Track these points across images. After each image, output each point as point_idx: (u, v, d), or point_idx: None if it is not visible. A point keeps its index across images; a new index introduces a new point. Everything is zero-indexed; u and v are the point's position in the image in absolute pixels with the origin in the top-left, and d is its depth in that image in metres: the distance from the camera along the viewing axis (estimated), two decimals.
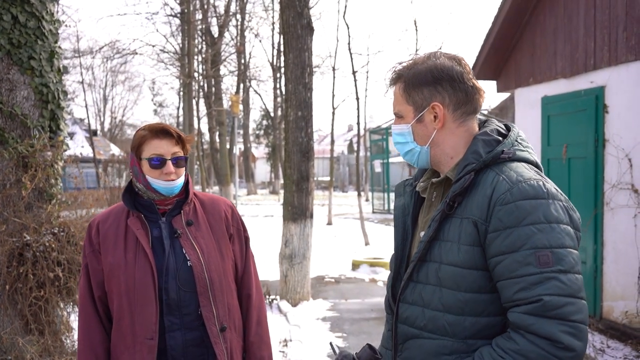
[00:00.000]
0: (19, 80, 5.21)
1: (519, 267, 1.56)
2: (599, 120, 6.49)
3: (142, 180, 2.35)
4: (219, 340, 2.33)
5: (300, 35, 7.84)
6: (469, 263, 1.65)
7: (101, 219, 2.43)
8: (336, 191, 41.55)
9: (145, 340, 2.26)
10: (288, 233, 8.02)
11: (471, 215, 1.66)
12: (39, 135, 5.24)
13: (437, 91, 1.77)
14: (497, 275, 1.61)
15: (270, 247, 11.51)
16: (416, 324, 1.76)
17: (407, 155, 1.88)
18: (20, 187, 5.01)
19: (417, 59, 1.84)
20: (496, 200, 1.62)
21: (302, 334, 6.57)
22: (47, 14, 5.45)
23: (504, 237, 1.59)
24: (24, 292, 4.81)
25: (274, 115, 37.05)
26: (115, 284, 2.31)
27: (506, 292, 1.59)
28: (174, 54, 27.92)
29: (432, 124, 1.79)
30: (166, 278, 2.29)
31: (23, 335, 4.77)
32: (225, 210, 2.54)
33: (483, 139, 1.76)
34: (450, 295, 1.68)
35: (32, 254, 4.83)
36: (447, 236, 1.70)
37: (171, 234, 2.37)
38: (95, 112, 46.40)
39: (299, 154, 7.90)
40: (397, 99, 1.86)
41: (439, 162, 1.83)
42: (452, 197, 1.69)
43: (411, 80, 1.80)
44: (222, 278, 2.39)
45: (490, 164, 1.71)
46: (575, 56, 6.92)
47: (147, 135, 2.34)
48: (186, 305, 2.31)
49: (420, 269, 1.76)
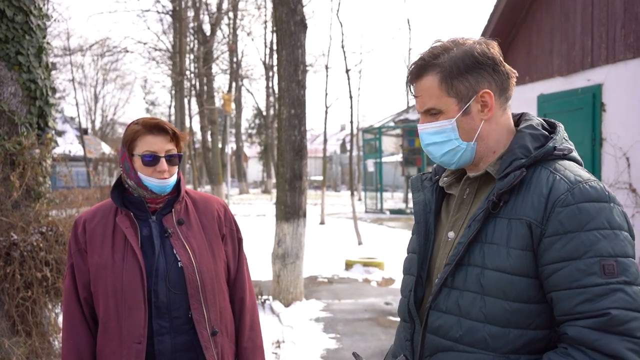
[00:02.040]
0: (6, 76, 5.10)
1: (582, 276, 1.41)
2: (596, 118, 6.44)
3: (133, 177, 2.25)
4: (209, 345, 2.23)
5: (294, 31, 7.75)
6: (519, 269, 1.48)
7: (88, 217, 2.33)
8: (329, 190, 41.52)
9: (133, 344, 2.16)
10: (281, 232, 7.93)
11: (524, 216, 1.49)
12: (27, 133, 5.13)
13: (483, 77, 1.60)
14: (552, 284, 1.46)
15: (263, 247, 11.42)
16: (450, 335, 1.57)
17: (446, 155, 1.66)
18: (8, 185, 4.90)
19: (445, 45, 1.65)
20: (555, 201, 1.47)
21: (295, 334, 6.48)
22: (35, 9, 5.34)
23: (565, 243, 1.44)
24: (11, 293, 4.70)
25: (266, 114, 36.97)
26: (101, 286, 2.21)
27: (565, 303, 1.43)
28: (165, 51, 27.82)
29: (480, 115, 1.61)
30: (156, 280, 2.20)
31: (10, 336, 4.66)
32: (218, 210, 2.44)
33: (530, 132, 1.61)
34: (495, 305, 1.50)
35: (19, 253, 4.72)
36: (491, 238, 1.53)
37: (161, 233, 2.27)
38: (86, 111, 46.19)
39: (292, 152, 7.81)
40: (430, 94, 1.63)
41: (480, 158, 1.65)
42: (498, 194, 1.53)
43: (452, 68, 1.60)
44: (214, 280, 2.29)
45: (539, 161, 1.56)
46: (572, 54, 6.86)
47: (140, 131, 2.23)
48: (176, 308, 2.21)
49: (456, 273, 1.57)
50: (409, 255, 1.81)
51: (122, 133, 27.31)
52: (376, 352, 5.92)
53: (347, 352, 5.95)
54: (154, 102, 48.09)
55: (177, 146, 2.30)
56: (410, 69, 1.69)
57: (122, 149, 2.29)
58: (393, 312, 7.55)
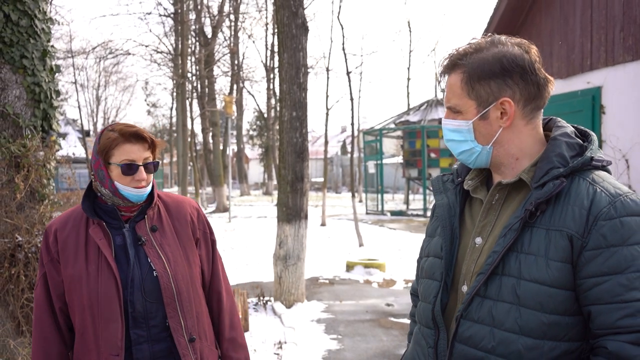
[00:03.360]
0: (11, 79, 5.15)
1: (624, 291, 1.40)
2: (595, 120, 6.48)
3: (109, 186, 2.18)
4: (187, 352, 2.21)
5: (295, 34, 7.80)
6: (558, 281, 1.46)
7: (59, 226, 2.25)
8: (330, 192, 41.55)
9: (111, 356, 2.12)
10: (282, 234, 7.97)
11: (564, 227, 1.47)
12: (32, 135, 5.18)
13: (507, 85, 1.56)
14: (592, 297, 1.45)
15: (264, 248, 11.47)
16: (481, 346, 1.53)
17: (462, 154, 1.66)
18: (13, 187, 4.95)
19: (479, 44, 1.62)
20: (598, 214, 1.45)
21: (297, 335, 6.52)
22: (40, 13, 5.39)
23: (607, 257, 1.43)
24: (15, 294, 4.74)
25: (267, 116, 37.01)
26: (77, 298, 2.16)
27: (605, 317, 1.42)
28: (167, 54, 27.86)
29: (498, 122, 1.59)
30: (131, 290, 2.15)
31: (14, 337, 4.70)
32: (191, 213, 2.39)
33: (567, 141, 1.58)
34: (532, 316, 1.47)
35: (24, 255, 4.77)
36: (528, 248, 1.49)
37: (135, 241, 2.22)
38: (88, 113, 46.23)
39: (294, 154, 7.85)
40: (454, 91, 1.62)
41: (500, 163, 1.63)
42: (536, 204, 1.49)
43: (476, 71, 1.57)
44: (189, 287, 2.26)
45: (577, 171, 1.54)
46: (572, 57, 6.90)
47: (118, 139, 2.16)
48: (153, 317, 2.18)
49: (490, 283, 1.54)
50: (430, 258, 1.76)
51: None
52: (377, 353, 5.96)
53: (349, 353, 6.00)
54: (155, 104, 48.14)
55: (153, 154, 2.25)
56: (442, 62, 1.67)
57: (95, 157, 2.22)
58: (394, 313, 7.59)
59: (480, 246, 1.62)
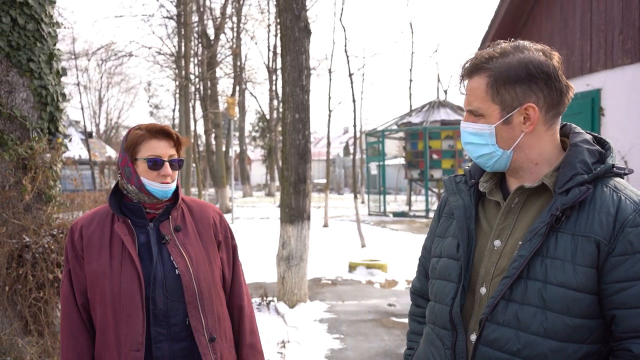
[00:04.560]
0: (18, 82, 5.23)
1: None
2: (595, 123, 6.54)
3: (135, 182, 2.23)
4: (208, 351, 2.23)
5: (298, 37, 7.87)
6: (584, 286, 1.49)
7: (84, 223, 2.30)
8: (332, 193, 41.59)
9: (131, 352, 2.14)
10: (285, 235, 8.04)
11: (591, 233, 1.50)
12: (38, 138, 5.25)
13: (532, 90, 1.57)
14: (618, 302, 1.48)
15: (267, 249, 11.52)
16: (507, 349, 1.55)
17: (481, 158, 1.66)
18: (20, 189, 5.03)
19: (504, 48, 1.62)
20: (624, 221, 1.48)
21: (300, 335, 6.59)
22: (46, 17, 5.47)
23: (633, 263, 1.47)
24: (23, 294, 4.82)
25: (269, 117, 37.08)
26: (99, 293, 2.20)
27: (630, 321, 1.47)
28: (170, 56, 27.94)
29: (521, 127, 1.60)
30: (153, 287, 2.19)
31: (22, 336, 4.78)
32: (214, 217, 2.45)
33: (588, 148, 1.60)
34: (557, 320, 1.50)
35: (31, 255, 4.84)
36: (554, 253, 1.52)
37: (159, 240, 2.26)
38: (90, 114, 46.33)
39: (297, 156, 7.92)
40: (477, 95, 1.63)
41: (519, 167, 1.65)
42: (562, 209, 1.51)
43: (502, 75, 1.58)
44: (211, 287, 2.30)
45: (599, 178, 1.56)
46: (572, 59, 6.97)
47: (144, 135, 2.24)
48: (173, 315, 2.21)
49: (515, 286, 1.55)
50: (443, 259, 1.76)
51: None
52: (379, 353, 6.03)
53: (351, 353, 6.06)
54: (157, 105, 48.24)
55: (178, 151, 2.31)
56: (464, 65, 1.67)
57: (122, 154, 2.28)
58: (396, 314, 7.66)
59: (500, 249, 1.63)
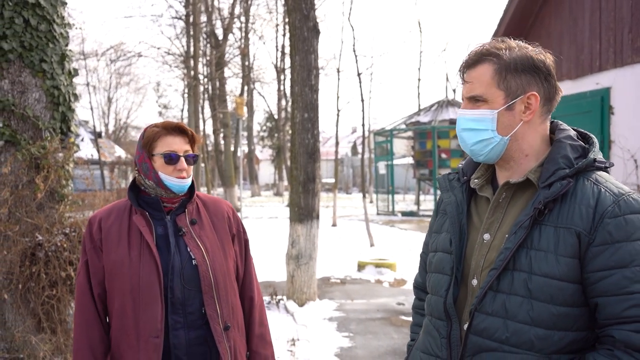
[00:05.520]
0: (31, 82, 5.28)
1: (630, 283, 1.50)
2: (604, 121, 6.54)
3: (152, 177, 2.33)
4: (222, 339, 2.31)
5: (307, 37, 7.90)
6: (568, 276, 1.56)
7: (103, 215, 2.39)
8: (340, 193, 41.60)
9: (151, 338, 2.23)
10: (295, 234, 8.07)
11: (572, 225, 1.56)
12: (51, 137, 5.31)
13: (535, 81, 1.67)
14: (599, 290, 1.54)
15: (276, 248, 11.55)
16: (495, 337, 1.61)
17: (478, 144, 1.71)
18: (33, 188, 5.08)
19: (509, 43, 1.72)
20: (603, 212, 1.54)
21: (310, 333, 6.62)
22: (58, 17, 5.52)
23: (613, 252, 1.52)
24: (36, 291, 4.87)
25: (277, 117, 37.12)
26: (118, 282, 2.28)
27: (611, 308, 1.52)
28: (178, 56, 28.02)
29: (521, 115, 1.67)
30: (172, 277, 2.28)
31: (35, 333, 4.83)
32: (227, 212, 2.54)
33: (570, 143, 1.67)
34: (543, 308, 1.56)
35: (44, 253, 4.89)
36: (538, 245, 1.58)
37: (176, 232, 2.35)
38: (99, 114, 46.52)
39: (306, 155, 7.95)
40: (482, 81, 1.69)
41: (510, 157, 1.71)
42: (545, 202, 1.58)
43: (510, 63, 1.66)
44: (226, 277, 2.39)
45: (581, 172, 1.63)
46: (581, 58, 6.96)
47: (161, 132, 2.33)
48: (190, 304, 2.30)
49: (502, 277, 1.62)
50: (438, 253, 1.83)
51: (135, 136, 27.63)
52: (389, 351, 6.05)
53: (361, 351, 6.09)
54: (166, 105, 48.37)
55: (192, 148, 2.40)
56: (470, 54, 1.73)
57: (140, 151, 2.36)
58: (405, 312, 7.67)
59: (489, 242, 1.70)
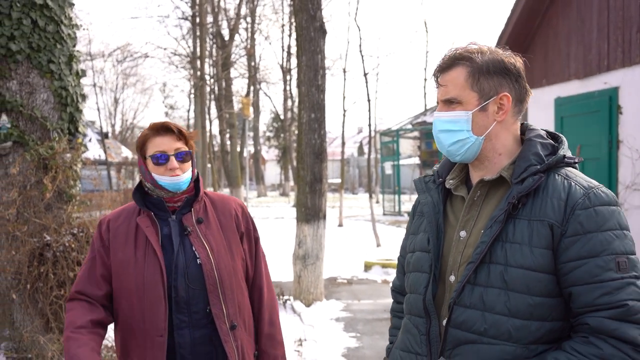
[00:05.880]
0: (39, 83, 5.30)
1: (601, 272, 1.55)
2: (612, 121, 6.51)
3: (149, 179, 2.36)
4: (229, 339, 2.32)
5: (313, 37, 7.89)
6: (542, 266, 1.60)
7: (112, 217, 2.44)
8: (346, 193, 41.58)
9: (155, 337, 2.25)
10: (301, 234, 8.07)
11: (545, 217, 1.61)
12: (59, 138, 5.32)
13: (506, 82, 1.73)
14: (572, 279, 1.59)
15: (282, 249, 11.55)
16: (474, 329, 1.65)
17: (454, 145, 1.77)
18: (41, 188, 5.10)
19: (481, 47, 1.77)
20: (574, 204, 1.60)
21: (317, 333, 6.62)
22: (66, 19, 5.54)
23: (584, 242, 1.58)
24: (44, 292, 4.89)
25: (283, 117, 37.14)
26: (124, 282, 2.32)
27: (585, 297, 1.56)
28: (185, 56, 28.07)
29: (494, 115, 1.73)
30: (175, 276, 2.29)
31: (44, 333, 4.85)
32: (236, 209, 2.53)
33: (541, 142, 1.75)
34: (519, 299, 1.61)
35: (52, 253, 4.90)
36: (513, 238, 1.63)
37: (181, 231, 2.37)
38: (106, 115, 46.64)
39: (312, 155, 7.95)
40: (456, 84, 1.75)
41: (485, 157, 1.77)
42: (518, 197, 1.63)
43: (482, 66, 1.72)
44: (231, 276, 2.38)
45: (551, 168, 1.70)
46: (589, 58, 6.94)
47: (149, 134, 2.36)
48: (195, 303, 2.31)
49: (479, 271, 1.66)
50: (416, 253, 1.87)
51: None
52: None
53: (368, 351, 6.08)
54: (172, 106, 48.51)
55: (186, 144, 2.39)
56: (444, 59, 1.79)
57: (138, 155, 2.41)
58: None
59: (465, 239, 1.75)
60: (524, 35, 8.11)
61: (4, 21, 5.06)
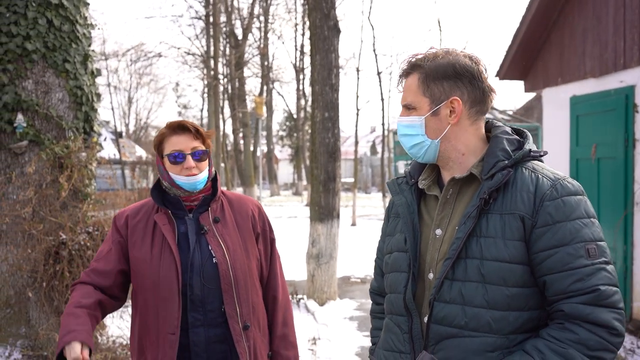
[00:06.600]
0: (54, 82, 5.33)
1: (572, 259, 1.61)
2: (628, 119, 6.45)
3: (166, 178, 2.37)
4: (241, 339, 2.33)
5: (327, 36, 7.89)
6: (516, 258, 1.65)
7: (131, 213, 2.45)
8: (359, 192, 41.52)
9: (168, 335, 2.27)
10: (315, 233, 8.07)
11: (516, 210, 1.67)
12: (74, 137, 5.35)
13: (457, 86, 1.78)
14: (545, 268, 1.64)
15: (296, 248, 11.56)
16: (455, 323, 1.70)
17: (414, 148, 1.85)
18: (57, 187, 5.13)
19: (436, 52, 1.82)
20: (543, 196, 1.66)
21: (330, 332, 6.62)
22: (81, 18, 5.57)
23: (554, 232, 1.63)
24: (60, 290, 4.92)
25: (296, 116, 37.15)
26: (140, 279, 2.35)
27: (558, 284, 1.62)
28: (198, 56, 28.15)
29: (447, 119, 1.79)
30: (191, 274, 2.30)
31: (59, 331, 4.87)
32: (253, 210, 2.54)
33: (507, 138, 1.80)
34: (497, 291, 1.66)
35: (67, 252, 4.94)
36: (486, 232, 1.68)
37: (198, 230, 2.38)
38: (120, 114, 46.89)
39: (326, 154, 7.94)
40: (410, 91, 1.83)
41: (447, 157, 1.83)
42: (489, 192, 1.69)
43: (432, 72, 1.78)
44: (246, 276, 2.39)
45: (518, 162, 1.75)
46: (605, 56, 6.88)
47: (166, 133, 2.37)
48: (210, 302, 2.32)
49: (456, 266, 1.71)
50: (394, 254, 1.91)
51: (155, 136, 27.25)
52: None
53: None
54: (186, 105, 48.61)
55: (203, 143, 2.39)
56: (401, 66, 1.87)
57: (155, 153, 2.43)
58: None
59: (441, 236, 1.80)
60: (539, 34, 8.05)
61: (19, 21, 5.09)
